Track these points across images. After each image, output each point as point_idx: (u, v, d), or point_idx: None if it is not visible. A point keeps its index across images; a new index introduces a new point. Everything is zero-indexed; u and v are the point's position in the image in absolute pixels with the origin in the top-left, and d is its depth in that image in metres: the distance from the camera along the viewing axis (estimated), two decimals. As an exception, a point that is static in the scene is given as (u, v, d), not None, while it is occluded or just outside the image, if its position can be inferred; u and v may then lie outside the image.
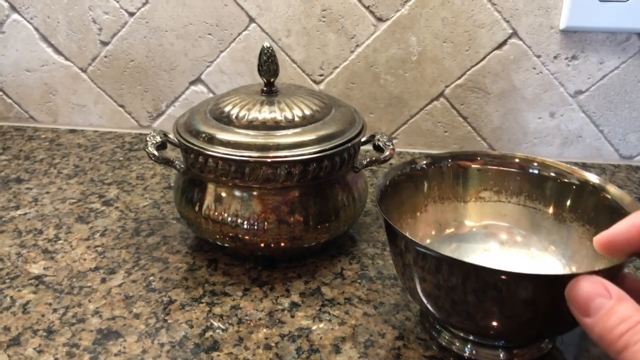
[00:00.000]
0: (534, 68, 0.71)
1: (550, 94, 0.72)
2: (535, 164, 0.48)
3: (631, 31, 0.67)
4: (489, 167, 0.49)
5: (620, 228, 0.33)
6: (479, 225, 0.49)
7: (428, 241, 0.48)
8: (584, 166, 0.73)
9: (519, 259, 0.47)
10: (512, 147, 0.75)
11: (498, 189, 0.49)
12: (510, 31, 0.69)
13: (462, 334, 0.42)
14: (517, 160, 0.48)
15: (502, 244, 0.48)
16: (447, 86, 0.73)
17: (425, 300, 0.39)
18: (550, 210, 0.47)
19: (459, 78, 0.72)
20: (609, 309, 0.29)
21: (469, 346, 0.42)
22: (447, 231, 0.49)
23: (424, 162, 0.48)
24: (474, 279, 0.35)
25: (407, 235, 0.38)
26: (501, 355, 0.41)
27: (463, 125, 0.74)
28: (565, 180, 0.46)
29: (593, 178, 0.45)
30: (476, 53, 0.71)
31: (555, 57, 0.70)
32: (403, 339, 0.44)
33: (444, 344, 0.43)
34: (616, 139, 0.73)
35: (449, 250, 0.48)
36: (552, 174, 0.47)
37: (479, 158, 0.49)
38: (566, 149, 0.74)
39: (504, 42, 0.70)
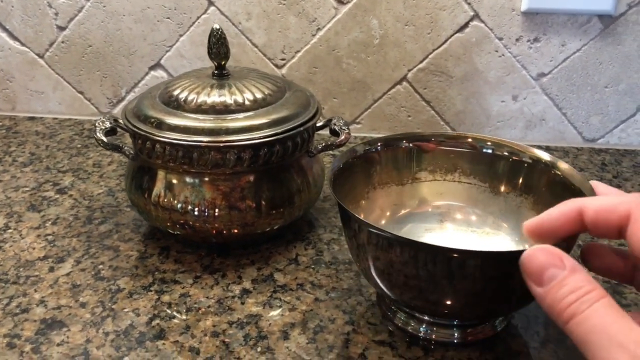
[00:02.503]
0: (496, 51, 0.70)
1: (513, 77, 0.71)
2: (489, 143, 0.47)
3: (592, 13, 0.67)
4: (443, 147, 0.49)
5: (549, 216, 0.33)
6: (433, 205, 0.49)
7: (383, 222, 0.48)
8: (547, 149, 0.73)
9: (473, 237, 0.47)
10: (475, 131, 0.74)
11: (452, 169, 0.49)
12: (472, 13, 0.68)
13: (416, 314, 0.42)
14: (470, 140, 0.48)
15: (456, 223, 0.48)
16: (409, 70, 0.72)
17: (378, 281, 0.39)
18: (502, 188, 0.47)
19: (422, 62, 0.71)
20: (560, 280, 0.29)
21: (424, 326, 0.42)
22: (402, 212, 0.49)
23: (379, 144, 0.48)
24: (425, 258, 0.35)
25: (360, 217, 0.38)
26: (456, 334, 0.41)
27: (426, 110, 0.74)
28: (517, 158, 0.46)
29: (544, 155, 0.45)
30: (438, 36, 0.70)
31: (517, 40, 0.69)
32: (353, 324, 0.43)
33: (399, 324, 0.42)
34: (579, 121, 0.73)
35: (404, 231, 0.48)
36: (505, 153, 0.47)
37: (432, 139, 0.49)
38: (529, 132, 0.74)
39: (466, 25, 0.69)
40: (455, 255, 0.34)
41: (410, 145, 0.49)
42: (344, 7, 0.70)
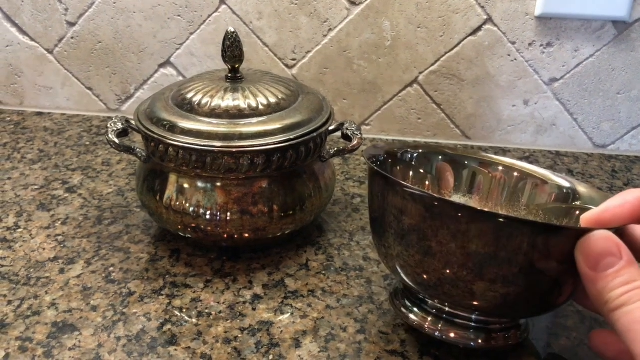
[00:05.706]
0: (509, 55, 0.70)
1: (525, 82, 0.71)
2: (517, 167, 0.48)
3: (606, 19, 0.66)
4: (471, 170, 0.49)
5: (611, 205, 0.34)
6: None
7: None
8: (558, 154, 0.73)
9: None
10: (485, 135, 0.74)
11: (477, 193, 0.49)
12: (485, 17, 0.68)
13: (434, 311, 0.40)
14: (501, 167, 0.48)
15: None
16: (421, 72, 0.72)
17: (405, 253, 0.37)
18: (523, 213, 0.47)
19: (433, 64, 0.71)
20: (617, 270, 0.31)
21: (440, 325, 0.40)
22: None
23: (415, 152, 0.49)
24: (498, 233, 0.34)
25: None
26: (472, 336, 0.39)
27: (437, 112, 0.74)
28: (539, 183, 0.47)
29: (565, 184, 0.45)
30: (450, 39, 0.69)
31: (530, 44, 0.69)
32: (365, 332, 0.43)
33: (415, 323, 0.41)
34: (590, 127, 0.73)
35: None
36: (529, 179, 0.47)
37: (465, 162, 0.49)
38: (540, 137, 0.74)
39: (479, 28, 0.69)
40: (501, 220, 0.33)
41: (446, 162, 0.49)
42: (356, 9, 0.69)
